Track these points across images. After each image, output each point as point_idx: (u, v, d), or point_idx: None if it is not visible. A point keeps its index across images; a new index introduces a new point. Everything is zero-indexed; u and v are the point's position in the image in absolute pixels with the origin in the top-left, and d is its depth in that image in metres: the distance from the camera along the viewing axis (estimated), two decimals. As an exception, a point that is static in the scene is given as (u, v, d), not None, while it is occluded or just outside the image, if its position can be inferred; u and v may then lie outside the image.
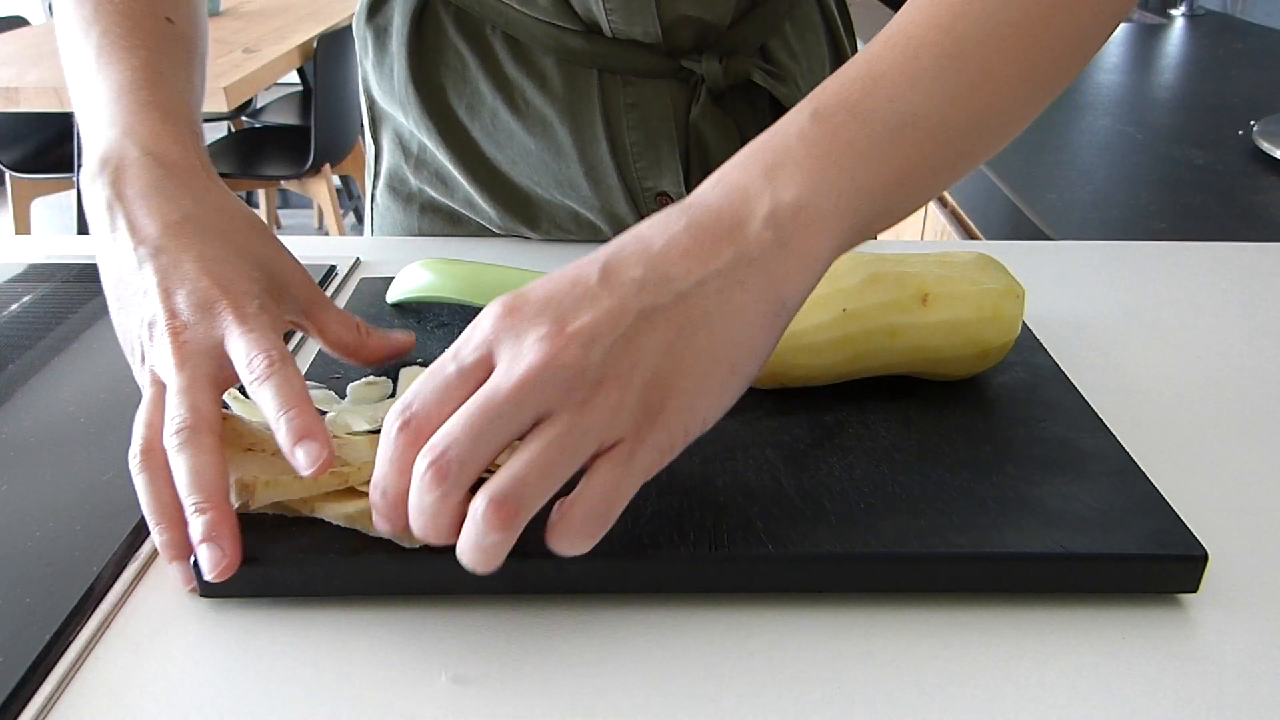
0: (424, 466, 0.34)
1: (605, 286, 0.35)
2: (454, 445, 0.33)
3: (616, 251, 0.36)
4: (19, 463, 0.46)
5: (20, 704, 0.34)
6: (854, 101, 0.38)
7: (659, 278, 0.35)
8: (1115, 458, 0.44)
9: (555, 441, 0.33)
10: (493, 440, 0.33)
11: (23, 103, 1.82)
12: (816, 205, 0.37)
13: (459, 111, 0.69)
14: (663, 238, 0.36)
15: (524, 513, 0.33)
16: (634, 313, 0.35)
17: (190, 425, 0.38)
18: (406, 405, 0.35)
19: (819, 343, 0.46)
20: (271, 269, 0.45)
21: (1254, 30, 1.70)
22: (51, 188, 2.76)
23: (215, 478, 0.38)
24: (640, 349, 0.34)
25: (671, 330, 0.35)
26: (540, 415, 0.34)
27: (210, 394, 0.40)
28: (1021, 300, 0.48)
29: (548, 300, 0.35)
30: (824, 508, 0.40)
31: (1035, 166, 0.99)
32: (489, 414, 0.33)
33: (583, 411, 0.33)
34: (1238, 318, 0.62)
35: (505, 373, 0.34)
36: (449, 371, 0.35)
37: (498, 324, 0.35)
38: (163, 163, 0.46)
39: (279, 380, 0.39)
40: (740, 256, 0.36)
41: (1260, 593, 0.40)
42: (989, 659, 0.37)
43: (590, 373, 0.33)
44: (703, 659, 0.37)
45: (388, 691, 0.35)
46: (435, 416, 0.35)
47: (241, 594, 0.39)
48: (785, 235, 0.36)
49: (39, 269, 0.67)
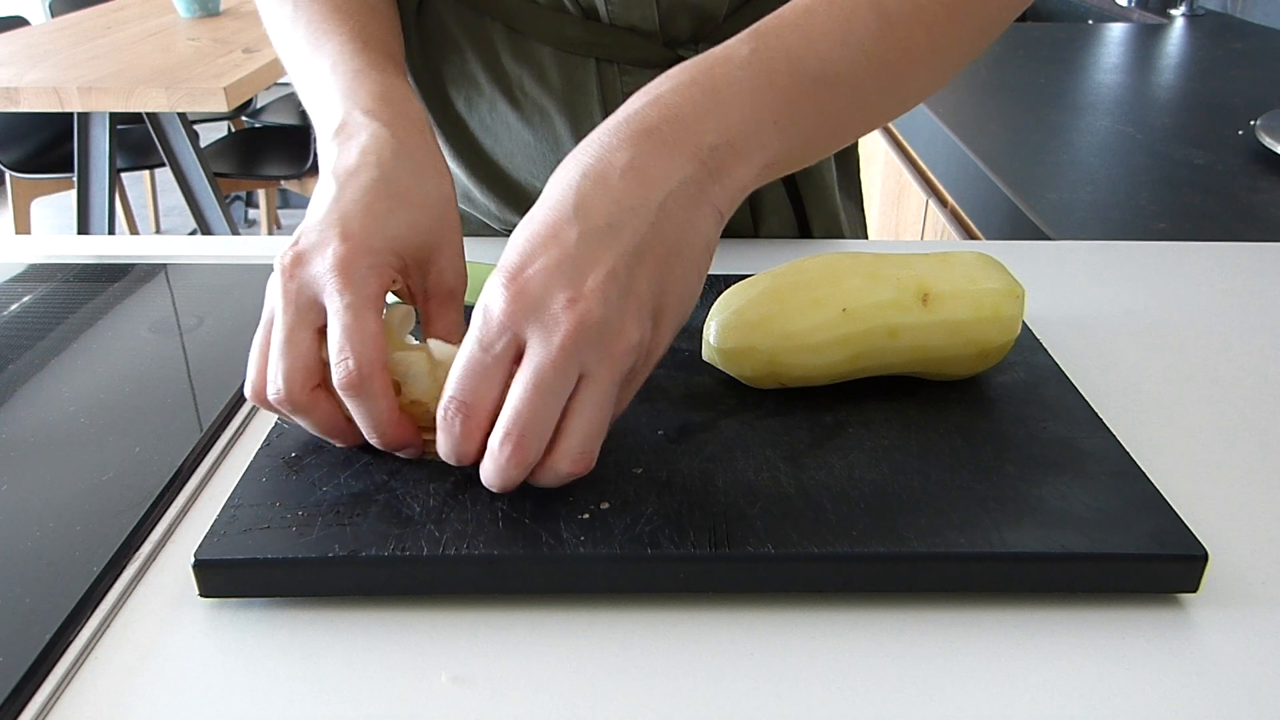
0: (504, 450, 0.38)
1: (590, 240, 0.38)
2: (525, 425, 0.37)
3: (579, 198, 0.39)
4: (19, 463, 0.46)
5: (20, 704, 0.34)
6: (791, 53, 0.43)
7: (629, 212, 0.39)
8: (1115, 458, 0.44)
9: (602, 394, 0.38)
10: (553, 409, 0.38)
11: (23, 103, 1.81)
12: (746, 141, 0.41)
13: (457, 105, 0.69)
14: (616, 170, 0.39)
15: (593, 459, 0.39)
16: (627, 256, 0.38)
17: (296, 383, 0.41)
18: (455, 395, 0.38)
19: (819, 343, 0.46)
20: (425, 240, 0.46)
21: (1254, 30, 1.70)
22: (51, 188, 2.76)
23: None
24: (642, 284, 0.38)
25: (657, 258, 0.39)
26: (583, 370, 0.37)
27: (306, 338, 0.42)
28: (1021, 300, 0.48)
29: (549, 270, 0.37)
30: (824, 508, 0.40)
31: (1035, 166, 0.99)
32: (543, 389, 0.37)
33: (615, 359, 0.38)
34: (1238, 318, 0.62)
35: (544, 348, 0.37)
36: (486, 361, 0.38)
37: (511, 306, 0.37)
38: (379, 118, 0.48)
39: (365, 399, 0.41)
40: (687, 179, 0.40)
41: (1260, 593, 0.40)
42: (989, 659, 0.37)
43: (613, 322, 0.37)
44: (703, 659, 0.37)
45: (388, 691, 0.35)
46: (488, 400, 0.38)
47: (241, 594, 0.39)
48: (721, 164, 0.41)
49: (39, 269, 0.67)
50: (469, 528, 0.39)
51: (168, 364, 0.55)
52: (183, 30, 2.24)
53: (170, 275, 0.66)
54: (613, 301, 0.37)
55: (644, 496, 0.41)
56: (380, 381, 0.40)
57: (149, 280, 0.65)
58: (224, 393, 0.52)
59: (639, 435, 0.45)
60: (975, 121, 1.14)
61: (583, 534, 0.39)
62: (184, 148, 2.25)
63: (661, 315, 0.40)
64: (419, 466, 0.43)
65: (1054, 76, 1.36)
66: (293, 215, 3.68)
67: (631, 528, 0.39)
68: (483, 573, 0.38)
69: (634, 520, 0.39)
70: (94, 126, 2.20)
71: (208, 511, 0.44)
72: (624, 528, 0.39)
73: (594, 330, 0.37)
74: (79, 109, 1.84)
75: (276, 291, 0.42)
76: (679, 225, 0.40)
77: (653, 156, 0.40)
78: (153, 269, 0.67)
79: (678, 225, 0.40)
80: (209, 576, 0.38)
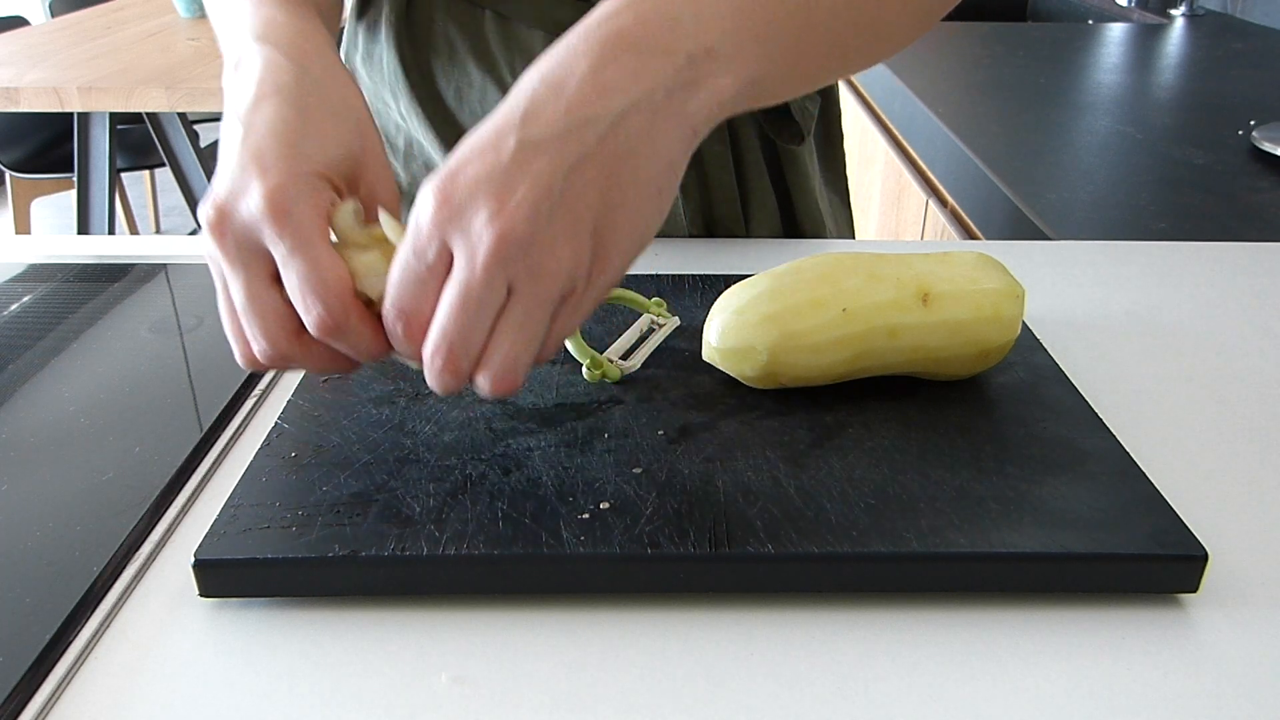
0: (435, 363, 0.37)
1: (529, 149, 0.36)
2: (452, 340, 0.36)
3: (530, 106, 0.36)
4: (19, 463, 0.46)
5: (20, 704, 0.34)
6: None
7: (579, 123, 0.36)
8: (1115, 458, 0.44)
9: (529, 315, 0.36)
10: (481, 323, 0.36)
11: (23, 103, 1.81)
12: (727, 52, 0.39)
13: (447, 97, 0.69)
14: (575, 78, 0.37)
15: (521, 380, 0.38)
16: (565, 169, 0.36)
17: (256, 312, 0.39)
18: (393, 304, 0.37)
19: (819, 343, 0.46)
20: (347, 153, 0.42)
21: (1254, 30, 1.70)
22: (51, 188, 2.76)
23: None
24: (580, 200, 0.36)
25: (603, 173, 0.36)
26: (511, 285, 0.36)
27: (252, 270, 0.39)
28: (1021, 300, 0.48)
29: (479, 180, 0.35)
30: (824, 508, 0.40)
31: (1035, 166, 0.99)
32: (467, 305, 0.36)
33: (543, 279, 0.36)
34: (1238, 318, 0.62)
35: (467, 263, 0.36)
36: (420, 270, 0.37)
37: (438, 215, 0.36)
38: (271, 42, 0.45)
39: (346, 337, 0.39)
40: (655, 88, 0.37)
41: (1260, 593, 0.40)
42: (989, 659, 0.37)
43: (541, 237, 0.35)
44: (703, 659, 0.37)
45: (388, 691, 0.35)
46: (426, 307, 0.37)
47: (241, 594, 0.39)
48: (698, 75, 0.38)
49: (39, 269, 0.67)
50: (469, 528, 0.39)
51: (168, 364, 0.55)
52: (183, 30, 2.24)
53: (170, 275, 0.66)
54: (542, 216, 0.35)
55: (644, 496, 0.41)
56: (355, 315, 0.38)
57: (149, 280, 0.65)
58: (224, 393, 0.52)
59: (639, 435, 0.45)
60: (975, 121, 1.14)
61: (583, 534, 0.39)
62: (184, 148, 2.25)
63: (607, 235, 0.37)
64: (419, 466, 0.43)
65: (1054, 76, 1.36)
66: (293, 215, 3.68)
67: (631, 528, 0.39)
68: (483, 573, 0.38)
69: (634, 520, 0.39)
70: (94, 126, 2.20)
71: (208, 511, 0.44)
72: (624, 528, 0.39)
73: (518, 247, 0.35)
74: (79, 109, 1.83)
75: (215, 253, 0.39)
76: (636, 138, 0.37)
77: (619, 64, 0.37)
78: (153, 269, 0.67)
79: (635, 138, 0.37)
80: (209, 576, 0.38)
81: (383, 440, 0.45)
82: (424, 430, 0.46)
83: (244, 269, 0.39)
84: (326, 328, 0.38)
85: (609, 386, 0.50)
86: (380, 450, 0.44)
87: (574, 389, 0.49)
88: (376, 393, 0.49)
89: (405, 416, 0.47)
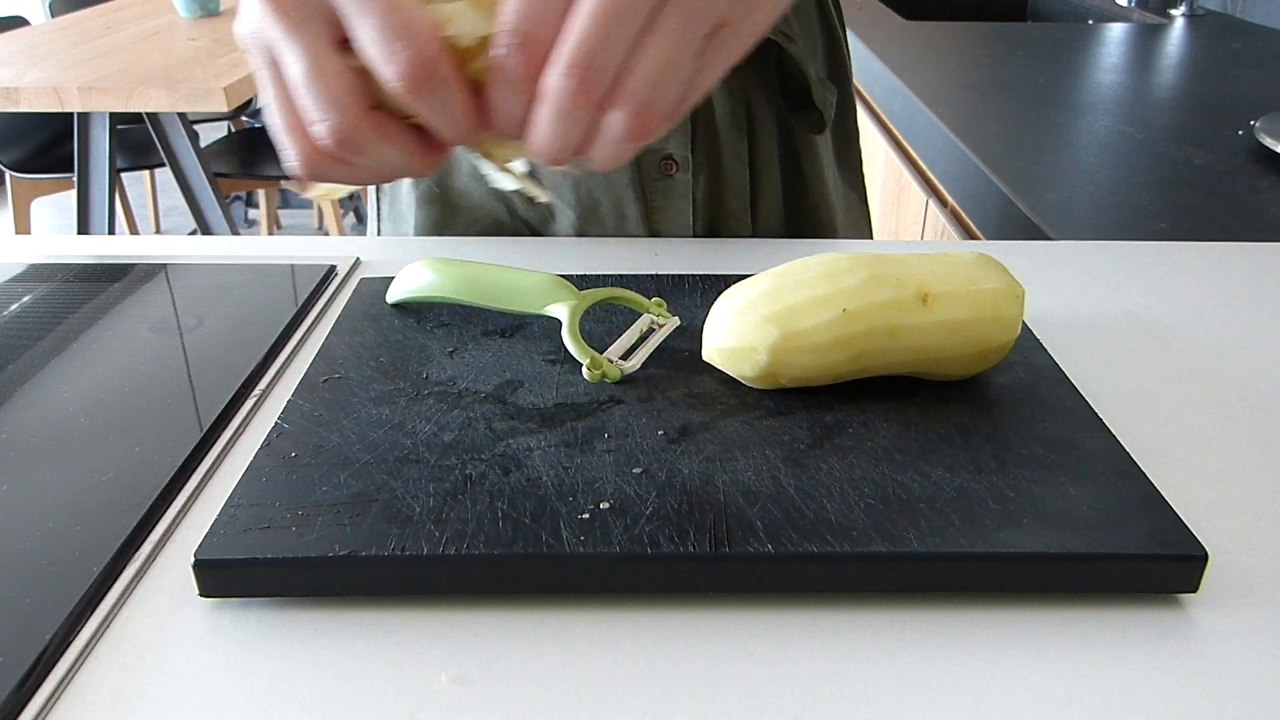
0: (566, 86, 0.31)
1: None
2: (593, 50, 0.31)
3: None
4: (19, 463, 0.46)
5: (20, 704, 0.34)
6: None
7: None
8: (1115, 458, 0.44)
9: (680, 30, 0.31)
10: (624, 32, 0.31)
11: (23, 103, 1.81)
12: None
13: None
14: None
15: (660, 121, 0.32)
16: None
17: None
18: (515, 27, 0.32)
19: (819, 343, 0.46)
20: None
21: (1254, 30, 1.70)
22: (51, 188, 2.76)
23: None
24: None
25: None
26: (656, 2, 0.31)
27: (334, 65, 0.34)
28: (1021, 300, 0.48)
29: None
30: (824, 508, 0.40)
31: (1035, 166, 0.99)
32: (614, 10, 0.31)
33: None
34: (1238, 318, 0.62)
35: None
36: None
37: None
38: None
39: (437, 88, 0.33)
40: None
41: (1260, 593, 0.40)
42: (989, 659, 0.37)
43: None
44: (703, 659, 0.37)
45: (388, 691, 0.35)
46: (553, 30, 0.31)
47: (241, 594, 0.39)
48: None
49: (39, 269, 0.67)
50: (469, 528, 0.39)
51: (168, 364, 0.55)
52: (183, 30, 2.24)
53: (170, 275, 0.66)
54: None
55: (644, 496, 0.41)
56: (447, 62, 0.33)
57: (149, 280, 0.65)
58: (224, 393, 0.52)
59: (639, 435, 0.45)
60: (975, 121, 1.14)
61: (583, 534, 0.39)
62: (184, 148, 2.25)
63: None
64: (419, 466, 0.43)
65: (1054, 76, 1.36)
66: (293, 215, 3.68)
67: (631, 528, 0.39)
68: (483, 573, 0.38)
69: (634, 520, 0.39)
70: (94, 126, 2.20)
71: (208, 511, 0.44)
72: (624, 528, 0.39)
73: None
74: (79, 109, 1.84)
75: (269, 20, 0.34)
76: None
77: None
78: (153, 269, 0.67)
79: None
80: (209, 576, 0.38)
81: (383, 440, 0.45)
82: (424, 430, 0.46)
83: (304, 33, 0.34)
84: (416, 76, 0.32)
85: (609, 386, 0.50)
86: (380, 450, 0.44)
87: (574, 389, 0.49)
88: (376, 393, 0.49)
89: (405, 416, 0.47)
